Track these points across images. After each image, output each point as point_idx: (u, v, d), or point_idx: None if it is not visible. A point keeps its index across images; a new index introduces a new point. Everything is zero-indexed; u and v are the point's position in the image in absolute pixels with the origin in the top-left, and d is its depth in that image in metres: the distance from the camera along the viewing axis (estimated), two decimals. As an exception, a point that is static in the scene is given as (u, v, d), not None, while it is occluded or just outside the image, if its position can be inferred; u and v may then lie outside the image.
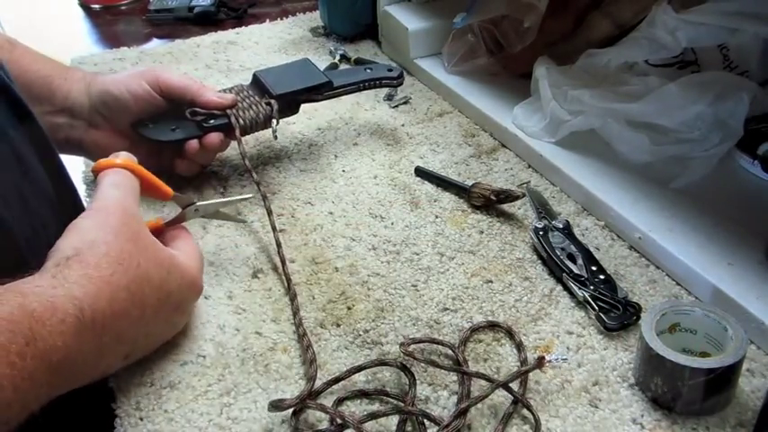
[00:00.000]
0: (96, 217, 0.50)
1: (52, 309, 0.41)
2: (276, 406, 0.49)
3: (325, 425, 0.50)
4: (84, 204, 0.65)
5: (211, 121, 0.72)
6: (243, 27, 1.15)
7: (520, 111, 0.79)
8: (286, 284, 0.62)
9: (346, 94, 0.80)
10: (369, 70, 0.81)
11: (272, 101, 0.74)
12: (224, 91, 0.75)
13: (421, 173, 0.76)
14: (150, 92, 0.71)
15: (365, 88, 0.80)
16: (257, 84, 0.77)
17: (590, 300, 0.57)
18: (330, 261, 0.65)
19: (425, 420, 0.49)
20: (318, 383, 0.52)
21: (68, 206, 0.59)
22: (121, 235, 0.48)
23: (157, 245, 0.52)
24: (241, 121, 0.73)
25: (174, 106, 0.73)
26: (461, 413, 0.49)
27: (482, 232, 0.68)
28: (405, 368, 0.52)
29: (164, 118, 0.73)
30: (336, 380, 0.52)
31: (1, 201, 0.50)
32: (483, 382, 0.52)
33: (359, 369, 0.53)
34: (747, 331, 0.50)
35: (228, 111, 0.73)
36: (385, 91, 0.92)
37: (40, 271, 0.45)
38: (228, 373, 0.54)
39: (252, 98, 0.75)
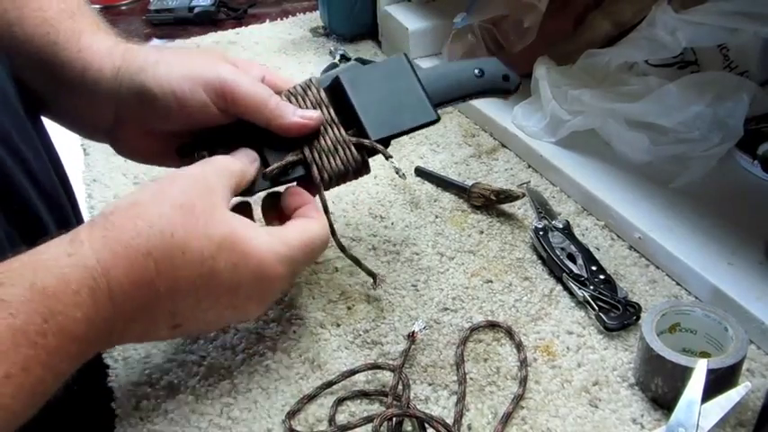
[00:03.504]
0: (164, 181, 0.47)
1: (65, 282, 0.40)
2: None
3: (324, 425, 0.50)
4: (81, 210, 0.65)
5: (288, 173, 0.54)
6: (243, 27, 1.15)
7: (520, 111, 0.79)
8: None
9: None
10: (478, 73, 0.60)
11: (364, 149, 0.55)
12: (297, 97, 0.55)
13: (421, 173, 0.76)
14: (207, 105, 0.51)
15: (472, 99, 0.62)
16: (339, 98, 0.55)
17: (590, 300, 0.57)
18: (330, 261, 0.65)
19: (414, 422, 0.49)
20: (317, 384, 0.53)
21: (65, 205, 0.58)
22: (167, 200, 0.44)
23: (218, 219, 0.45)
24: (326, 175, 0.54)
25: (238, 123, 0.53)
26: None
27: (482, 232, 0.68)
28: (399, 371, 0.52)
29: (222, 144, 0.53)
30: (329, 384, 0.52)
31: None
32: (481, 377, 0.52)
33: (352, 373, 0.53)
34: (747, 331, 0.50)
35: (307, 154, 0.53)
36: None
37: (73, 230, 0.43)
38: (228, 373, 0.54)
39: (335, 129, 0.54)
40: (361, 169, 0.55)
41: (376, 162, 0.78)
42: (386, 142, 0.56)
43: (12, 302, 0.38)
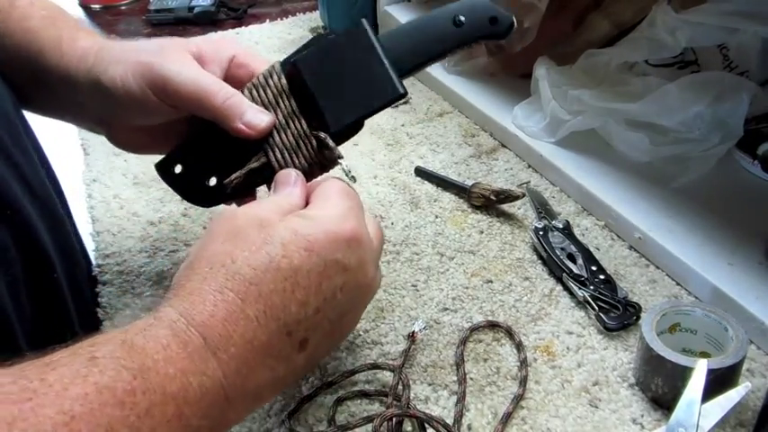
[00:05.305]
0: (206, 232, 0.47)
1: (154, 338, 0.38)
2: None
3: (324, 425, 0.50)
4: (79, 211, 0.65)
5: (254, 179, 0.53)
6: (243, 27, 1.15)
7: (520, 111, 0.79)
8: None
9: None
10: (458, 22, 0.52)
11: (329, 143, 0.51)
12: (258, 89, 0.53)
13: (421, 173, 0.76)
14: (150, 98, 0.52)
15: (456, 52, 0.55)
16: (299, 88, 0.52)
17: (590, 300, 0.57)
18: (330, 261, 0.65)
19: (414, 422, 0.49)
20: (317, 384, 0.53)
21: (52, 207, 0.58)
22: (214, 240, 0.44)
23: (273, 228, 0.44)
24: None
25: (208, 132, 0.53)
26: None
27: (482, 232, 0.68)
28: (399, 371, 0.52)
29: (194, 154, 0.54)
30: (329, 384, 0.52)
31: None
32: (483, 375, 0.52)
33: (352, 373, 0.53)
34: (747, 331, 0.50)
35: (270, 156, 0.51)
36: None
37: None
38: (228, 373, 0.54)
39: (297, 122, 0.51)
40: (326, 165, 0.53)
41: (376, 162, 0.79)
42: (358, 126, 0.52)
43: (101, 359, 0.36)
